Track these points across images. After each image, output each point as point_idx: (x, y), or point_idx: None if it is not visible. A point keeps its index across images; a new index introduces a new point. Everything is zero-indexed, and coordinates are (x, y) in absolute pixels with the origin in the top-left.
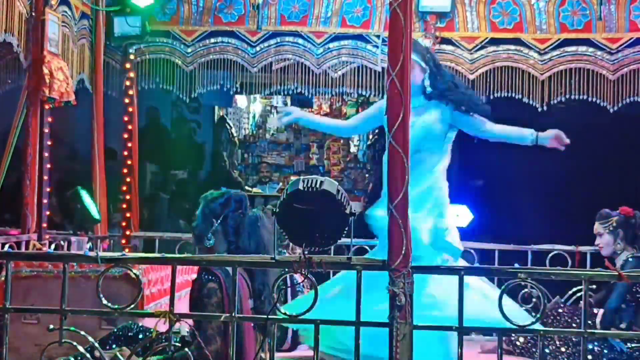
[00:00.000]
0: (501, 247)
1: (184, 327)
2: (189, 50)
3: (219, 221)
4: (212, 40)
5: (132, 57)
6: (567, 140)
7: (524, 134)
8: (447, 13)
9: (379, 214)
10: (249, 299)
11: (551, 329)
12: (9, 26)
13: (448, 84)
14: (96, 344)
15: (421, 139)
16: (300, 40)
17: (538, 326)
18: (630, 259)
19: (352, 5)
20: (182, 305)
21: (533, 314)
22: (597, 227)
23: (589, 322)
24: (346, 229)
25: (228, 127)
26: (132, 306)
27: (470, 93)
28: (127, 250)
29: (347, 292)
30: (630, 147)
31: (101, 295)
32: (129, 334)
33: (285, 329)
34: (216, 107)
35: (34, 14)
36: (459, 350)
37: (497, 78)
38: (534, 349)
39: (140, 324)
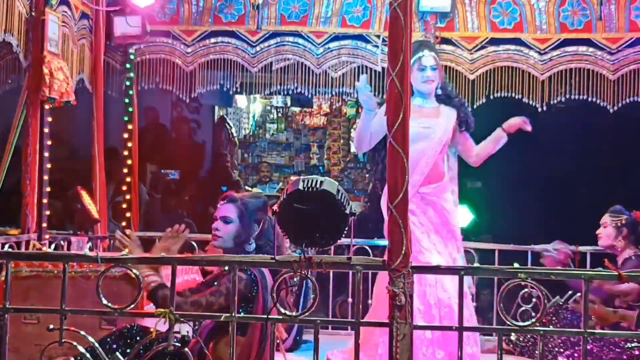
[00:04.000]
0: (501, 247)
1: (185, 327)
2: (189, 50)
3: (260, 227)
4: (212, 40)
5: (132, 57)
6: (529, 127)
7: (496, 136)
8: (447, 13)
9: None
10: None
11: (551, 328)
12: (9, 26)
13: (455, 94)
14: (96, 344)
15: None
16: (300, 40)
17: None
18: (632, 257)
19: (352, 5)
20: None
21: (533, 314)
22: (606, 218)
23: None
24: (346, 229)
25: (228, 127)
26: (132, 306)
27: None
28: (127, 250)
29: None
30: (631, 147)
31: (101, 295)
32: (129, 334)
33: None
34: (216, 107)
35: (34, 14)
36: (459, 350)
37: (497, 78)
38: (533, 349)
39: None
